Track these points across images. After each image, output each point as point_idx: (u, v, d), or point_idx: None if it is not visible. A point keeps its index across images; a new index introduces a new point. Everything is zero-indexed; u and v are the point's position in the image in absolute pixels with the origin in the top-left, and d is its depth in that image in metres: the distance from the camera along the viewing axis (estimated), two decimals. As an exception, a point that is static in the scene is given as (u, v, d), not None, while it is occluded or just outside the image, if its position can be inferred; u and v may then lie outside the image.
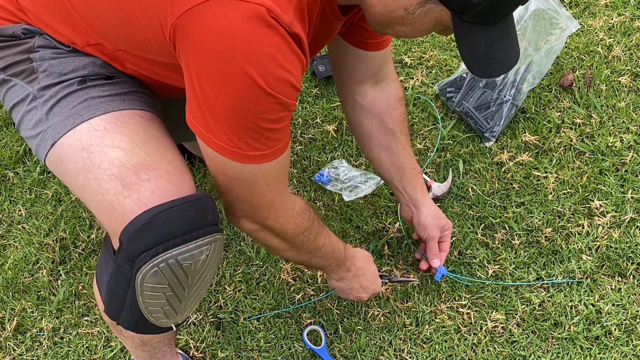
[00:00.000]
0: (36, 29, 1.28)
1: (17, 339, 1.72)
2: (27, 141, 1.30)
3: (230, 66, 1.02)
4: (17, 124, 1.30)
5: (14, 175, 1.99)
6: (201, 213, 1.16)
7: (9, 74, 1.28)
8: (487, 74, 1.20)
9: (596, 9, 2.18)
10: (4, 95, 1.31)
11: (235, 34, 1.00)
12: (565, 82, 2.01)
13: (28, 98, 1.26)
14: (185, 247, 1.14)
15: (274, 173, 1.20)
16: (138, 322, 1.24)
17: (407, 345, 1.65)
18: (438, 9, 1.10)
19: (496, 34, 1.14)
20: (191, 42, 1.04)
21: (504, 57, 1.17)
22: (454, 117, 2.00)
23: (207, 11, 1.01)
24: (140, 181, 1.14)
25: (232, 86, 1.04)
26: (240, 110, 1.07)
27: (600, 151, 1.88)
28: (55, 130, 1.22)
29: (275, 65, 1.04)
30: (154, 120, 1.27)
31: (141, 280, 1.15)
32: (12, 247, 1.87)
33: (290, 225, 1.31)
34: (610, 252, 1.72)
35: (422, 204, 1.64)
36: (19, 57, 1.27)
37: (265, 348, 1.66)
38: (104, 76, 1.27)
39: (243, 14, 1.00)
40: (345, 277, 1.53)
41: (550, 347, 1.62)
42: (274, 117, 1.10)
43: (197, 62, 1.05)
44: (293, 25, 1.05)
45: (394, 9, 1.13)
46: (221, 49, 1.01)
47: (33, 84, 1.25)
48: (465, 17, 1.09)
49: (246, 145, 1.12)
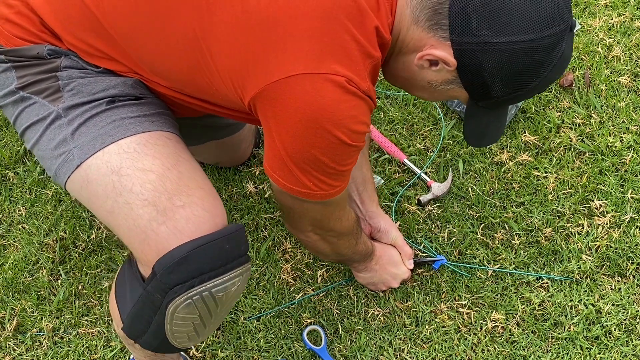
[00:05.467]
0: (62, 49, 1.25)
1: (17, 339, 1.72)
2: (43, 162, 1.26)
3: (318, 131, 1.09)
4: (32, 144, 1.26)
5: (14, 175, 1.99)
6: (236, 246, 1.18)
7: (30, 91, 1.24)
8: (479, 145, 1.41)
9: (596, 9, 2.18)
10: (19, 114, 1.26)
11: (322, 104, 1.08)
12: (565, 82, 2.01)
13: (50, 117, 1.22)
14: (219, 280, 1.16)
15: (344, 195, 1.29)
16: (159, 345, 1.25)
17: (407, 345, 1.65)
18: (460, 91, 1.19)
19: (497, 116, 1.29)
20: (277, 111, 1.10)
21: (494, 134, 1.34)
22: (454, 117, 2.00)
23: (293, 84, 1.07)
24: (175, 207, 1.13)
25: (320, 146, 1.11)
26: (326, 162, 1.15)
27: (600, 151, 1.88)
28: (82, 150, 1.18)
29: (357, 123, 1.12)
30: (180, 142, 1.27)
31: (173, 311, 1.16)
32: (12, 247, 1.87)
33: (347, 231, 1.43)
34: (610, 252, 1.72)
35: (377, 214, 1.70)
36: (42, 76, 1.24)
37: (265, 348, 1.66)
38: (133, 97, 1.25)
39: (327, 86, 1.07)
40: (369, 266, 1.63)
41: (550, 347, 1.62)
42: (352, 160, 1.20)
43: (283, 129, 1.11)
44: (370, 90, 1.14)
45: (419, 80, 1.22)
46: (309, 119, 1.08)
47: (57, 103, 1.22)
48: (481, 103, 1.20)
49: (329, 187, 1.20)
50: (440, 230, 1.80)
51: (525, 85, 1.15)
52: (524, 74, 1.13)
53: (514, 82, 1.14)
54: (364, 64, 1.12)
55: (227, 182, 1.93)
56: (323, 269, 1.76)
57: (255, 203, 1.88)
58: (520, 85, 1.15)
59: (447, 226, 1.80)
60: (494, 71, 1.12)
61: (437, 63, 1.15)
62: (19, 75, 1.25)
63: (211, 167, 1.94)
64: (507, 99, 1.18)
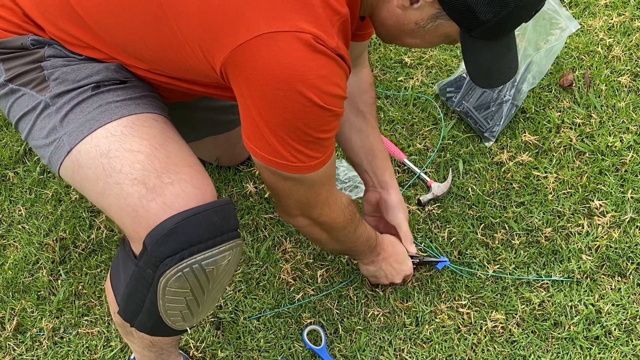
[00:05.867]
0: (45, 39, 1.27)
1: (17, 338, 1.72)
2: (37, 151, 1.29)
3: (289, 92, 1.08)
4: (25, 135, 1.28)
5: (14, 175, 1.99)
6: (225, 219, 1.19)
7: (18, 83, 1.27)
8: (489, 85, 1.31)
9: (596, 9, 2.18)
10: (10, 106, 1.29)
11: (289, 63, 1.07)
12: (565, 82, 2.01)
13: (39, 107, 1.24)
14: (209, 253, 1.16)
15: (327, 172, 1.27)
16: (154, 326, 1.25)
17: (407, 345, 1.65)
18: (448, 24, 1.16)
19: (500, 49, 1.22)
20: (247, 75, 1.09)
21: (505, 70, 1.25)
22: (454, 117, 2.00)
23: (259, 45, 1.06)
24: (164, 185, 1.15)
25: (293, 109, 1.10)
26: (301, 128, 1.13)
27: (600, 151, 1.88)
28: (71, 136, 1.21)
29: (328, 84, 1.11)
30: (168, 123, 1.29)
31: (164, 285, 1.16)
32: (12, 247, 1.87)
33: (340, 218, 1.39)
34: (610, 252, 1.72)
35: (390, 186, 1.64)
36: (28, 67, 1.26)
37: (265, 348, 1.66)
38: (117, 81, 1.27)
39: (293, 44, 1.06)
40: (376, 261, 1.60)
41: (550, 347, 1.62)
42: (328, 127, 1.17)
43: (255, 92, 1.10)
44: (339, 48, 1.12)
45: (406, 23, 1.19)
46: (279, 79, 1.07)
47: (44, 92, 1.24)
48: (474, 33, 1.16)
49: (307, 158, 1.18)
50: (440, 230, 1.80)
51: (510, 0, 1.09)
52: None
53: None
54: (331, 21, 1.11)
55: (227, 182, 1.93)
56: (323, 269, 1.76)
57: (255, 203, 1.88)
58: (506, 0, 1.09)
59: (447, 226, 1.80)
60: None
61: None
62: (6, 68, 1.28)
63: (211, 167, 1.94)
64: (499, 23, 1.13)
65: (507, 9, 1.10)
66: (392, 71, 2.11)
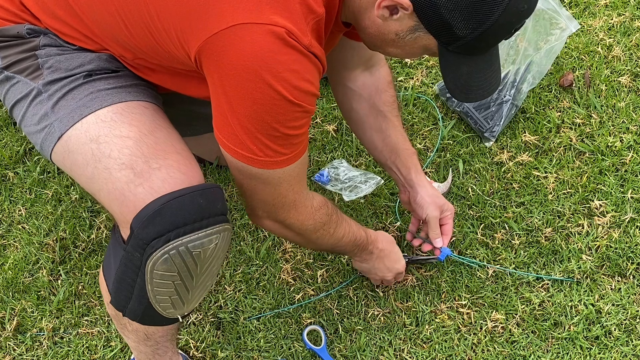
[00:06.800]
0: (41, 28, 1.30)
1: (17, 338, 1.72)
2: (30, 137, 1.31)
3: (258, 84, 1.09)
4: (19, 121, 1.31)
5: (14, 175, 1.99)
6: (211, 202, 1.19)
7: (13, 71, 1.29)
8: (467, 100, 1.29)
9: (596, 9, 2.18)
10: (5, 93, 1.32)
11: (261, 55, 1.08)
12: (565, 82, 2.01)
13: (32, 93, 1.27)
14: (195, 235, 1.17)
15: (295, 173, 1.26)
16: (145, 313, 1.26)
17: (407, 345, 1.65)
18: (426, 37, 1.17)
19: (479, 64, 1.22)
20: (219, 64, 1.10)
21: (484, 85, 1.25)
22: (454, 117, 2.00)
23: (232, 35, 1.07)
24: (151, 170, 1.17)
25: (262, 102, 1.10)
26: (268, 122, 1.13)
27: (600, 151, 1.88)
28: (62, 122, 1.23)
29: (299, 79, 1.11)
30: (158, 112, 1.30)
31: (151, 267, 1.17)
32: (12, 247, 1.87)
33: (309, 221, 1.36)
34: (610, 252, 1.72)
35: (417, 184, 1.62)
36: (23, 55, 1.29)
37: (265, 348, 1.67)
38: (109, 70, 1.29)
39: (266, 37, 1.07)
40: (369, 259, 1.59)
41: (550, 347, 1.62)
42: (298, 123, 1.17)
43: (226, 82, 1.11)
44: (312, 46, 1.13)
45: (386, 33, 1.20)
46: (249, 69, 1.08)
47: (37, 80, 1.27)
48: (451, 47, 1.16)
49: (274, 153, 1.18)
50: (440, 230, 1.80)
51: (487, 18, 1.09)
52: (482, 3, 1.08)
53: (474, 15, 1.09)
54: (306, 19, 1.12)
55: (227, 182, 1.93)
56: (323, 269, 1.76)
57: (255, 203, 1.88)
58: (482, 18, 1.09)
59: (447, 226, 1.80)
60: (450, 5, 1.08)
61: (396, 10, 1.14)
62: (2, 56, 1.30)
63: (211, 167, 1.94)
64: (476, 38, 1.12)
65: (484, 26, 1.11)
66: (392, 71, 2.11)
